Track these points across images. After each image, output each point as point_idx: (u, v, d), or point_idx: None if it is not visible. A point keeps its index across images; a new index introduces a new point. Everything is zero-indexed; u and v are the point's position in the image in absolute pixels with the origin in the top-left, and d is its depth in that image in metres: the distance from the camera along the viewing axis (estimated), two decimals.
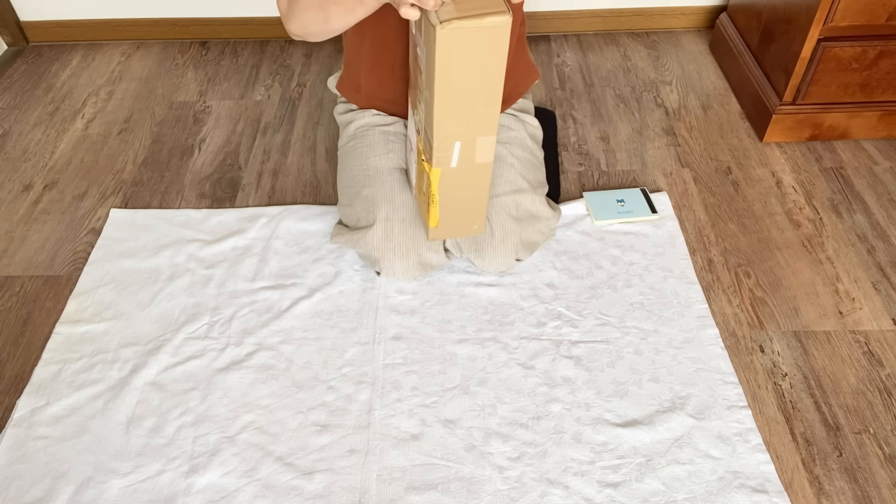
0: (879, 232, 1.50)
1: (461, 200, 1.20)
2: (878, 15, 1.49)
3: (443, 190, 1.17)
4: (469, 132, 1.10)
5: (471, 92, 1.05)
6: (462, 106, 1.06)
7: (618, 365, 1.27)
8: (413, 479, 1.12)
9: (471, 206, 1.23)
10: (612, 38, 2.13)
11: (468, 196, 1.21)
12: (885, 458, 1.14)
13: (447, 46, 0.97)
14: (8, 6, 2.07)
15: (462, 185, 1.18)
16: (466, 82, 1.03)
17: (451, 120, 1.08)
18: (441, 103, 1.04)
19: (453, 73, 1.01)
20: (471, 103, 1.06)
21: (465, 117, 1.08)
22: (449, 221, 1.23)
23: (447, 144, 1.11)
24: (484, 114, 1.09)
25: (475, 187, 1.20)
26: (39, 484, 1.12)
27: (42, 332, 1.35)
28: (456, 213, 1.22)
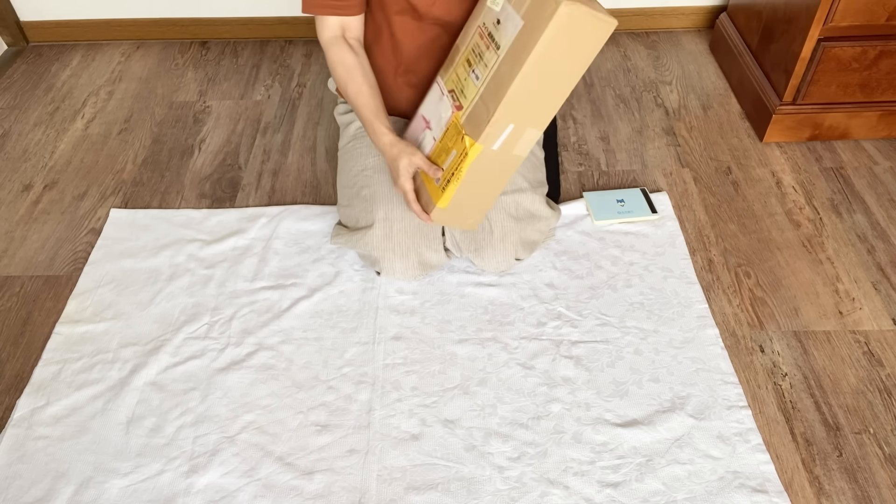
0: (879, 232, 1.50)
1: (479, 188, 1.17)
2: (878, 15, 1.49)
3: (470, 171, 1.13)
4: (525, 119, 1.08)
5: (551, 80, 1.04)
6: (536, 90, 1.05)
7: (618, 365, 1.27)
8: (413, 479, 1.12)
9: (484, 197, 1.20)
10: (612, 37, 2.13)
11: (487, 186, 1.18)
12: (885, 458, 1.14)
13: (560, 25, 0.97)
14: (8, 6, 2.07)
15: (489, 171, 1.14)
16: (553, 69, 1.03)
17: (520, 101, 1.05)
18: (522, 81, 1.02)
19: (550, 55, 1.00)
20: (544, 91, 1.05)
21: (531, 103, 1.06)
22: (457, 207, 1.19)
23: (502, 124, 1.07)
24: (546, 106, 1.08)
25: (497, 178, 1.18)
26: (39, 484, 1.12)
27: (42, 332, 1.35)
28: (467, 200, 1.19)
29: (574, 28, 0.99)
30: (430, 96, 1.24)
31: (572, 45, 1.01)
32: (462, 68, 1.16)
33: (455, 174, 1.14)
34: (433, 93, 1.24)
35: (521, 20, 1.03)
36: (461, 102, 1.14)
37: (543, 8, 0.99)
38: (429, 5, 1.19)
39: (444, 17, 1.22)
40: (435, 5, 1.19)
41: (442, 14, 1.21)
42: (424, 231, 1.32)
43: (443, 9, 1.20)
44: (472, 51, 1.14)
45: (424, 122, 1.24)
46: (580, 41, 1.01)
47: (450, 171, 1.15)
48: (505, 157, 1.14)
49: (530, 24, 1.01)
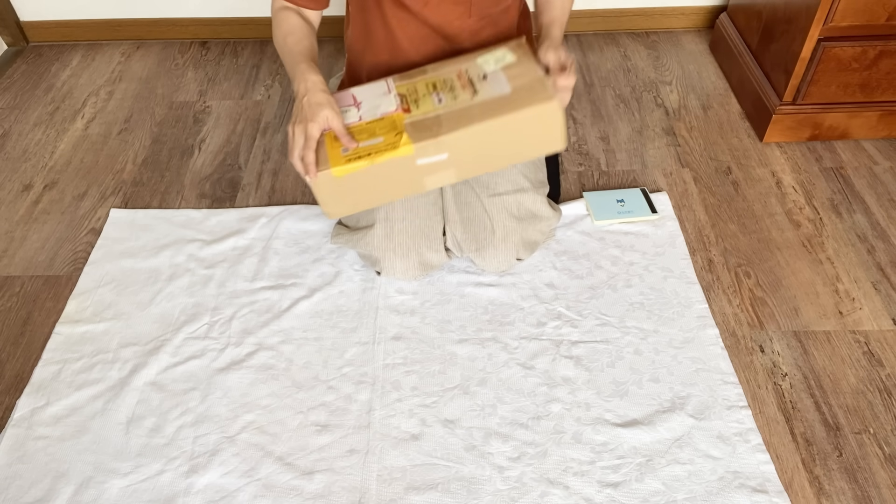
0: (879, 232, 1.50)
1: (374, 184, 1.12)
2: (878, 15, 1.49)
3: (386, 163, 1.09)
4: (458, 160, 1.12)
5: (502, 146, 1.12)
6: (487, 145, 1.12)
7: (618, 365, 1.27)
8: (413, 479, 1.12)
9: (366, 196, 1.14)
10: (612, 38, 2.13)
11: (378, 189, 1.14)
12: (885, 458, 1.14)
13: (544, 111, 1.08)
14: (8, 6, 2.07)
15: (393, 178, 1.12)
16: (512, 139, 1.11)
17: (470, 143, 1.10)
18: (486, 129, 1.09)
19: (520, 126, 1.10)
20: (490, 151, 1.13)
21: (475, 153, 1.12)
22: (344, 186, 1.11)
23: (443, 149, 1.09)
24: (480, 164, 1.15)
25: (391, 190, 1.14)
26: (39, 484, 1.12)
27: (42, 332, 1.35)
28: (355, 188, 1.12)
29: (548, 122, 1.10)
30: (371, 87, 1.21)
31: (536, 132, 1.11)
32: (423, 86, 1.17)
33: (370, 156, 1.08)
34: (377, 86, 1.20)
35: (510, 89, 1.11)
36: (410, 108, 1.14)
37: (537, 91, 1.09)
38: (420, 6, 1.19)
39: (434, 19, 1.21)
40: (427, 6, 1.19)
41: (432, 16, 1.21)
42: (425, 231, 1.32)
43: (434, 10, 1.20)
44: (444, 80, 1.17)
45: (353, 100, 1.19)
46: (540, 134, 1.12)
47: (365, 151, 1.09)
48: (413, 177, 1.12)
49: (518, 96, 1.09)
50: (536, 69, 1.13)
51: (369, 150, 1.09)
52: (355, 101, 1.18)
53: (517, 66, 1.15)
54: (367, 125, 1.13)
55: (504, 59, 1.16)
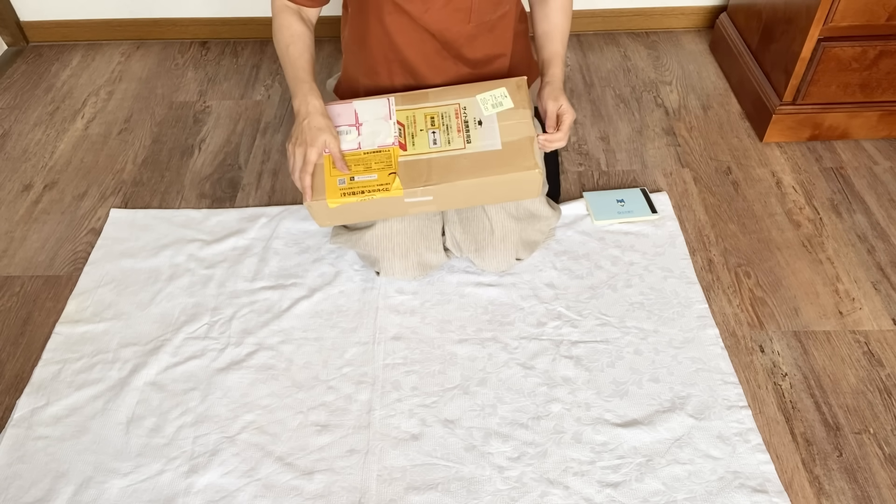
0: (879, 232, 1.50)
1: (364, 210, 1.21)
2: (878, 15, 1.49)
3: (377, 201, 1.18)
4: (442, 200, 1.20)
5: (485, 195, 1.22)
6: (470, 194, 1.21)
7: (618, 365, 1.27)
8: (413, 479, 1.12)
9: (357, 217, 1.24)
10: (612, 38, 2.13)
11: (369, 213, 1.23)
12: (885, 458, 1.14)
13: (525, 178, 1.18)
14: (8, 6, 2.07)
15: (382, 206, 1.20)
16: (493, 192, 1.21)
17: (456, 192, 1.19)
18: (470, 185, 1.18)
19: (501, 185, 1.19)
20: (473, 197, 1.22)
21: (459, 197, 1.21)
22: (338, 212, 1.20)
23: (430, 194, 1.18)
24: (463, 202, 1.24)
25: (379, 212, 1.23)
26: (39, 484, 1.12)
27: (42, 332, 1.35)
28: (347, 212, 1.21)
29: (527, 184, 1.20)
30: (374, 104, 1.25)
31: (514, 189, 1.22)
32: (422, 118, 1.23)
33: (364, 193, 1.17)
34: (379, 104, 1.25)
35: (500, 145, 1.19)
36: (405, 144, 1.21)
37: (523, 156, 1.18)
38: (421, 12, 1.19)
39: (434, 25, 1.21)
40: (428, 12, 1.19)
41: (432, 21, 1.20)
42: (424, 231, 1.33)
43: (435, 16, 1.20)
44: (442, 116, 1.23)
45: (355, 118, 1.23)
46: (518, 190, 1.23)
47: (359, 188, 1.17)
48: (399, 208, 1.21)
49: (506, 156, 1.18)
50: (528, 125, 1.21)
51: (363, 187, 1.17)
52: (357, 121, 1.23)
53: (513, 115, 1.22)
54: (364, 155, 1.20)
55: (502, 104, 1.24)
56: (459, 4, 1.19)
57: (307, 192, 1.17)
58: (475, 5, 1.19)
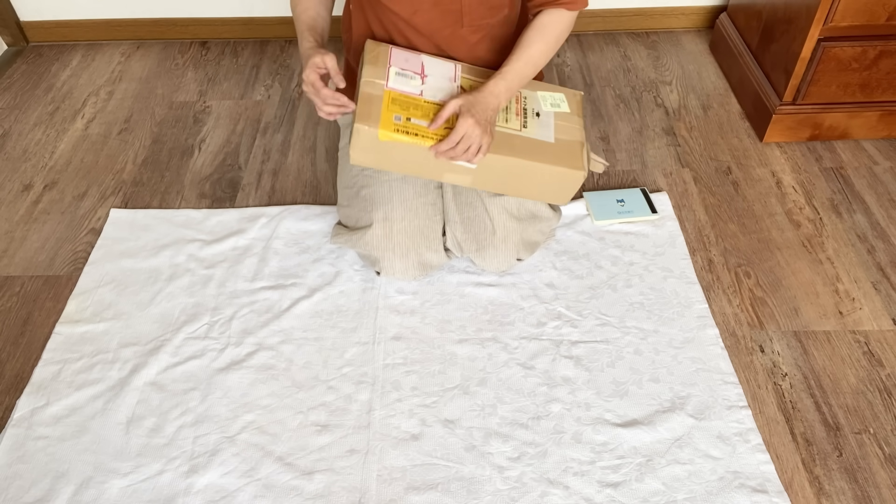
0: (879, 232, 1.50)
1: (407, 157, 1.19)
2: (878, 15, 1.49)
3: (420, 148, 1.16)
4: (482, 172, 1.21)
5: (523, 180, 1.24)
6: (514, 176, 1.23)
7: (618, 365, 1.27)
8: (413, 479, 1.12)
9: (397, 162, 1.21)
10: (612, 38, 2.13)
11: (408, 161, 1.20)
12: (885, 458, 1.14)
13: (571, 174, 1.22)
14: (8, 6, 2.07)
15: (424, 160, 1.18)
16: (532, 181, 1.23)
17: (500, 169, 1.21)
18: (517, 165, 1.20)
19: (545, 175, 1.22)
20: (515, 181, 1.24)
21: (500, 177, 1.23)
22: (382, 147, 1.17)
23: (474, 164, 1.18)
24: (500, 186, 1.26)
25: (416, 166, 1.21)
26: (39, 484, 1.12)
27: (42, 332, 1.35)
28: (392, 153, 1.18)
29: (568, 183, 1.24)
30: (441, 64, 1.24)
31: (554, 186, 1.25)
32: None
33: (416, 136, 1.15)
34: (446, 66, 1.24)
35: (553, 139, 1.23)
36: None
37: (574, 155, 1.23)
38: (410, 14, 1.19)
39: (424, 28, 1.21)
40: (417, 14, 1.19)
41: (422, 24, 1.20)
42: (425, 231, 1.32)
43: (424, 18, 1.20)
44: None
45: (421, 69, 1.23)
46: (556, 188, 1.26)
47: (414, 130, 1.15)
48: (438, 167, 1.21)
49: (557, 150, 1.22)
50: (580, 132, 1.26)
51: (417, 129, 1.16)
52: (422, 72, 1.23)
53: (567, 119, 1.27)
54: (424, 103, 1.19)
55: (559, 106, 1.29)
56: (449, 6, 1.18)
57: (345, 102, 1.15)
58: (466, 8, 1.19)
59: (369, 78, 1.18)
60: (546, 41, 1.21)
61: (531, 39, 1.20)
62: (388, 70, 1.21)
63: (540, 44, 1.20)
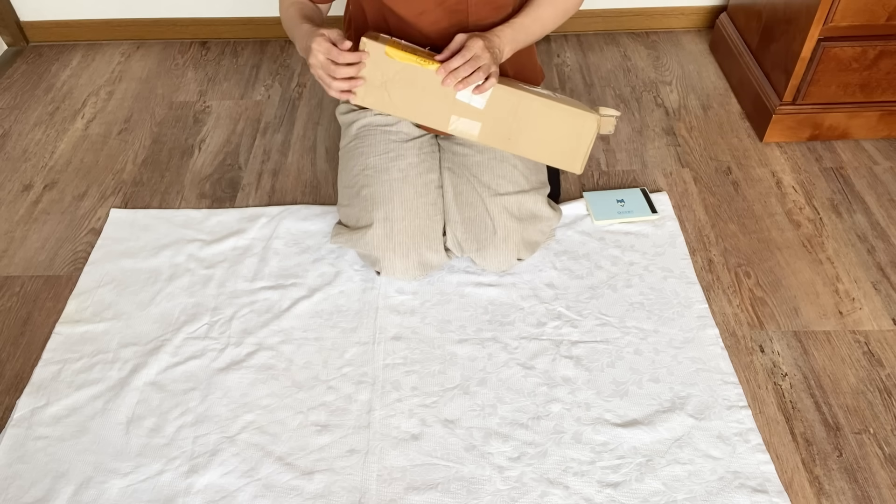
0: (879, 232, 1.50)
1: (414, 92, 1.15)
2: (878, 15, 1.49)
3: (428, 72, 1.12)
4: (491, 114, 1.18)
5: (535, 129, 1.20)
6: (521, 117, 1.18)
7: (618, 365, 1.27)
8: (413, 479, 1.12)
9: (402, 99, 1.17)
10: (612, 38, 2.13)
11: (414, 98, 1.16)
12: (885, 458, 1.14)
13: (580, 120, 1.19)
14: (8, 6, 2.07)
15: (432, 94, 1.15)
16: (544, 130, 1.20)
17: (510, 105, 1.17)
18: (526, 102, 1.16)
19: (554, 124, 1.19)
20: (522, 124, 1.19)
21: (511, 116, 1.18)
22: (389, 73, 1.13)
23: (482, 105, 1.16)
24: (508, 131, 1.20)
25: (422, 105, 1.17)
26: (39, 484, 1.12)
27: (42, 332, 1.35)
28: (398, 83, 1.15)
29: (581, 134, 1.20)
30: None
31: (566, 138, 1.21)
32: None
33: (424, 60, 1.12)
34: None
35: (565, 100, 1.21)
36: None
37: (586, 108, 1.21)
38: (415, 15, 1.19)
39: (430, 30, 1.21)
40: (422, 17, 1.19)
41: (427, 27, 1.20)
42: (425, 231, 1.33)
43: (430, 22, 1.20)
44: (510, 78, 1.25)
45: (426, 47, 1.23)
46: (568, 142, 1.21)
47: (423, 54, 1.13)
48: (445, 107, 1.16)
49: (568, 103, 1.20)
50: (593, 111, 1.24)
51: (424, 55, 1.14)
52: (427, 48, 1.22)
53: (575, 102, 1.25)
54: (428, 53, 1.16)
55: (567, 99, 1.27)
56: (455, 7, 1.18)
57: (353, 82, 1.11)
58: (472, 8, 1.19)
59: (366, 41, 1.13)
60: (555, 7, 1.21)
61: (541, 2, 1.20)
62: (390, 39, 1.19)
63: (550, 8, 1.21)
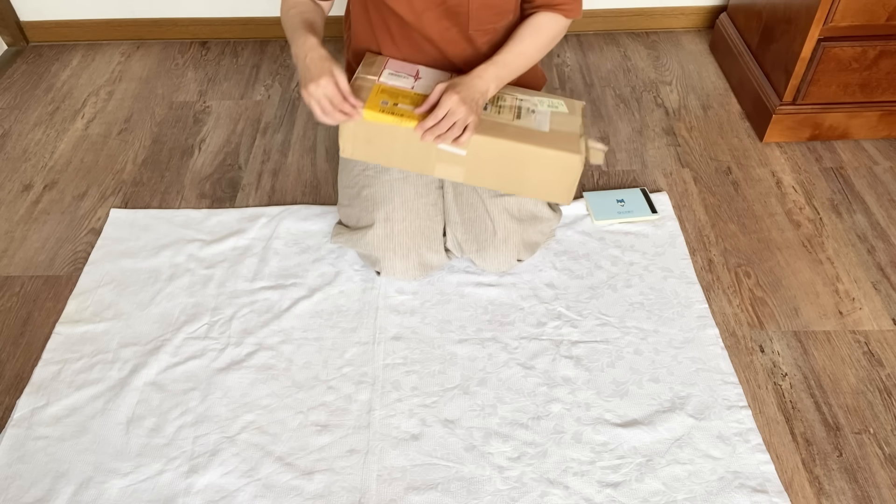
0: (879, 232, 1.50)
1: (396, 145, 1.18)
2: (878, 15, 1.49)
3: (407, 130, 1.14)
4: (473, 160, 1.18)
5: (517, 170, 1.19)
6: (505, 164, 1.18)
7: (618, 365, 1.27)
8: (413, 479, 1.12)
9: (387, 152, 1.20)
10: (612, 38, 2.13)
11: (398, 150, 1.19)
12: (885, 458, 1.14)
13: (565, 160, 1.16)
14: (8, 6, 2.07)
15: (414, 147, 1.17)
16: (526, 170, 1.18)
17: (491, 153, 1.17)
18: (510, 148, 1.16)
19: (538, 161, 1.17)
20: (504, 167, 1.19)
21: (490, 166, 1.19)
22: (371, 133, 1.17)
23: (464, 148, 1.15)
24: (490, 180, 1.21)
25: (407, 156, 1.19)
26: (39, 484, 1.12)
27: (42, 332, 1.35)
28: (380, 140, 1.18)
29: (565, 172, 1.18)
30: (437, 73, 1.26)
31: (550, 176, 1.19)
32: None
33: (402, 117, 1.14)
34: (441, 75, 1.25)
35: (548, 129, 1.19)
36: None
37: (570, 142, 1.18)
38: (417, 16, 1.19)
39: (431, 33, 1.21)
40: (423, 18, 1.19)
41: (428, 28, 1.20)
42: (426, 232, 1.33)
43: (431, 24, 1.20)
44: (497, 97, 1.23)
45: (416, 74, 1.25)
46: (553, 180, 1.19)
47: (399, 112, 1.15)
48: (428, 156, 1.18)
49: (551, 137, 1.18)
50: (579, 126, 1.22)
51: (403, 112, 1.15)
52: (417, 76, 1.24)
53: (565, 118, 1.23)
54: (414, 94, 1.19)
55: (557, 107, 1.25)
56: (456, 10, 1.18)
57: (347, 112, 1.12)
58: (473, 12, 1.18)
59: (361, 75, 1.21)
60: (539, 41, 1.21)
61: (524, 35, 1.20)
62: (382, 70, 1.23)
63: (533, 41, 1.20)
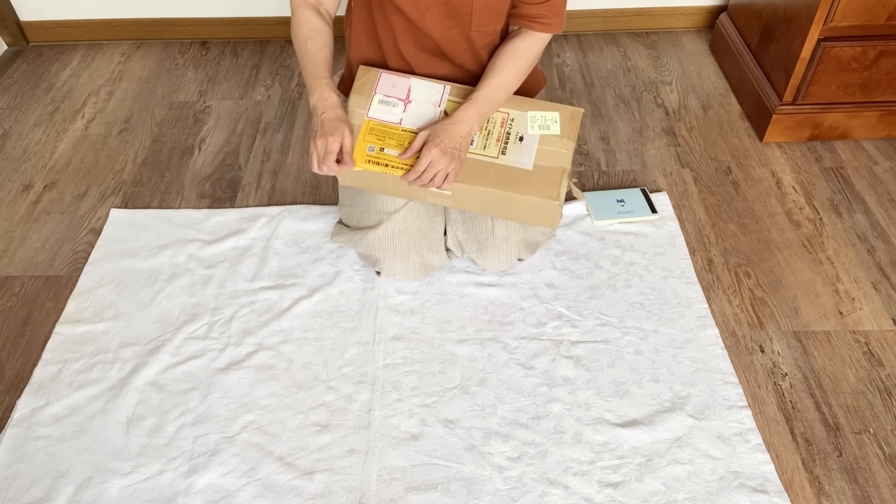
0: (879, 232, 1.50)
1: (387, 183, 1.23)
2: (878, 15, 1.49)
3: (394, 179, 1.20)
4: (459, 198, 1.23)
5: (501, 207, 1.24)
6: (487, 203, 1.23)
7: (618, 365, 1.27)
8: (413, 479, 1.12)
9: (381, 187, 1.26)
10: (612, 38, 2.13)
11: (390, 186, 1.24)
12: (885, 458, 1.14)
13: (543, 204, 1.19)
14: (8, 6, 2.07)
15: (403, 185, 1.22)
16: (509, 208, 1.23)
17: (473, 196, 1.22)
18: (489, 194, 1.20)
19: (518, 204, 1.21)
20: (488, 204, 1.23)
21: (476, 200, 1.23)
22: (363, 174, 1.22)
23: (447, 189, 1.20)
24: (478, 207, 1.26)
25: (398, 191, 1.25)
26: (39, 484, 1.12)
27: (42, 332, 1.35)
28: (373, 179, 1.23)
29: (546, 212, 1.21)
30: (429, 87, 1.26)
31: (532, 213, 1.23)
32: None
33: (388, 167, 1.20)
34: (434, 89, 1.25)
35: (531, 167, 1.21)
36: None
37: (549, 184, 1.20)
38: (418, 14, 1.19)
39: (433, 31, 1.21)
40: (426, 16, 1.19)
41: (430, 27, 1.20)
42: (426, 232, 1.33)
43: (434, 22, 1.20)
44: (488, 120, 1.25)
45: (406, 94, 1.25)
46: (536, 216, 1.24)
47: (384, 160, 1.21)
48: (418, 191, 1.24)
49: (532, 177, 1.20)
50: (566, 158, 1.22)
51: (388, 160, 1.20)
52: (407, 98, 1.25)
53: (555, 142, 1.23)
54: (401, 132, 1.23)
55: (549, 128, 1.25)
56: (459, 9, 1.18)
57: (333, 168, 1.18)
58: (476, 13, 1.18)
59: (353, 108, 1.24)
60: (518, 68, 1.23)
61: (503, 65, 1.22)
62: (371, 98, 1.25)
63: (512, 69, 1.23)
